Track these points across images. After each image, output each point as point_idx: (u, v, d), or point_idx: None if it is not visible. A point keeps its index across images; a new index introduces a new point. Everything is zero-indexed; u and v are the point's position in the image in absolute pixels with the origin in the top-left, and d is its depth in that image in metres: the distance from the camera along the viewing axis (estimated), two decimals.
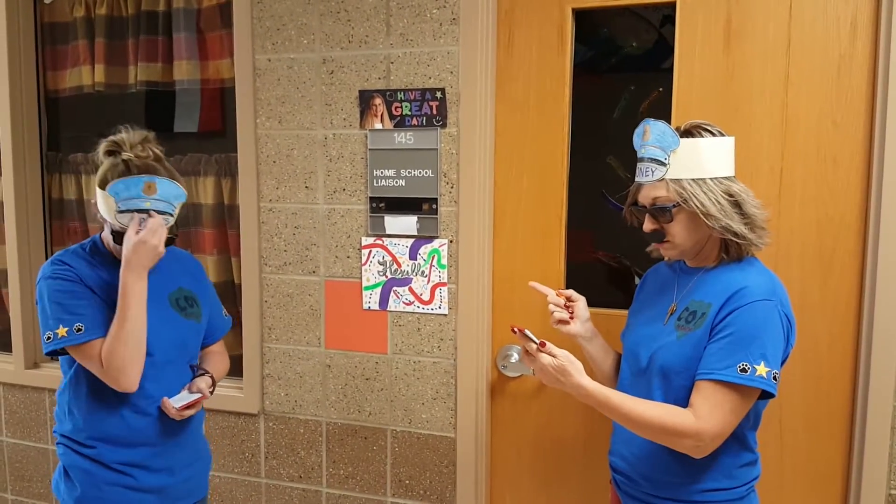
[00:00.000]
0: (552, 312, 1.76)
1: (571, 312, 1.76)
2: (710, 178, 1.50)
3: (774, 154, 1.95)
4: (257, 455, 2.50)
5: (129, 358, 1.66)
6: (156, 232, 1.65)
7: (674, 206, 1.51)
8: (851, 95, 1.88)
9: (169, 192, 1.68)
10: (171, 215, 1.71)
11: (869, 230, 1.87)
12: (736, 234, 1.49)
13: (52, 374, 2.74)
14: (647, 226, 1.58)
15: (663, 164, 1.51)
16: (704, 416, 1.43)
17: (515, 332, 1.52)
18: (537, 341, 1.49)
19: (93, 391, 1.74)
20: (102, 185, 1.67)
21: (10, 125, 2.68)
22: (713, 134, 1.52)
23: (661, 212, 1.53)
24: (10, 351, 2.81)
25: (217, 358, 2.01)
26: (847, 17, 1.87)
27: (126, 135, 1.71)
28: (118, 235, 1.69)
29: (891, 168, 1.81)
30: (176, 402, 1.76)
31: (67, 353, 1.72)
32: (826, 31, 1.88)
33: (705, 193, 1.49)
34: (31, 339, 2.79)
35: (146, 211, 1.65)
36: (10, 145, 2.69)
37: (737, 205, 1.50)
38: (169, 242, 1.71)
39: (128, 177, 1.64)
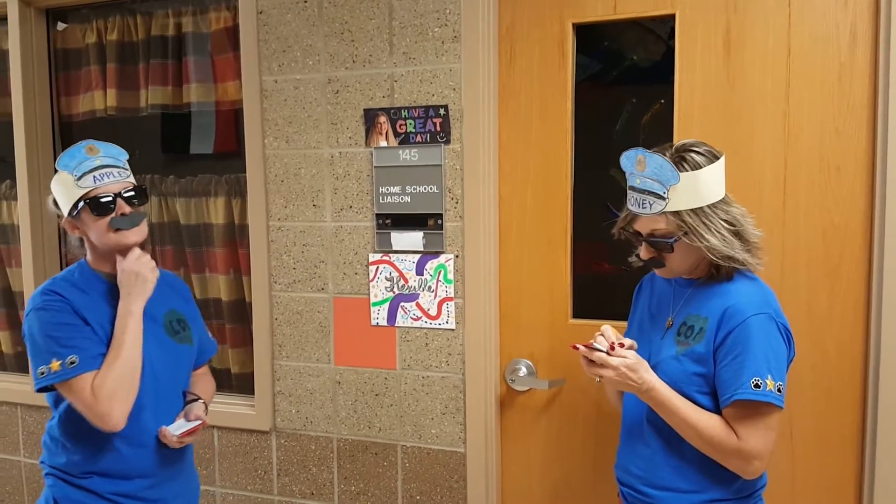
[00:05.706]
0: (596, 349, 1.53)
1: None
2: (708, 206, 1.49)
3: (778, 163, 1.94)
4: (269, 472, 2.52)
5: (123, 392, 1.62)
6: (143, 259, 1.71)
7: (675, 239, 1.50)
8: (853, 103, 1.88)
9: (111, 151, 1.74)
10: (126, 169, 1.75)
11: (874, 238, 1.86)
12: (737, 261, 1.49)
13: None
14: (645, 254, 1.57)
15: (662, 197, 1.48)
16: (743, 436, 1.46)
17: (579, 349, 1.53)
18: (605, 347, 1.50)
19: (89, 426, 1.65)
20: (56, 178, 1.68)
21: (26, 150, 2.74)
22: (704, 156, 1.49)
23: (661, 244, 1.52)
24: (29, 372, 2.85)
25: (204, 380, 2.00)
26: (846, 24, 1.87)
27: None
28: (97, 206, 1.67)
29: (894, 175, 1.80)
30: (175, 430, 1.72)
31: (55, 389, 1.68)
32: (826, 39, 1.89)
33: (706, 225, 1.47)
34: None
35: (101, 167, 1.68)
36: (26, 170, 2.75)
37: (737, 234, 1.50)
38: (141, 200, 1.74)
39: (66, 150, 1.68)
